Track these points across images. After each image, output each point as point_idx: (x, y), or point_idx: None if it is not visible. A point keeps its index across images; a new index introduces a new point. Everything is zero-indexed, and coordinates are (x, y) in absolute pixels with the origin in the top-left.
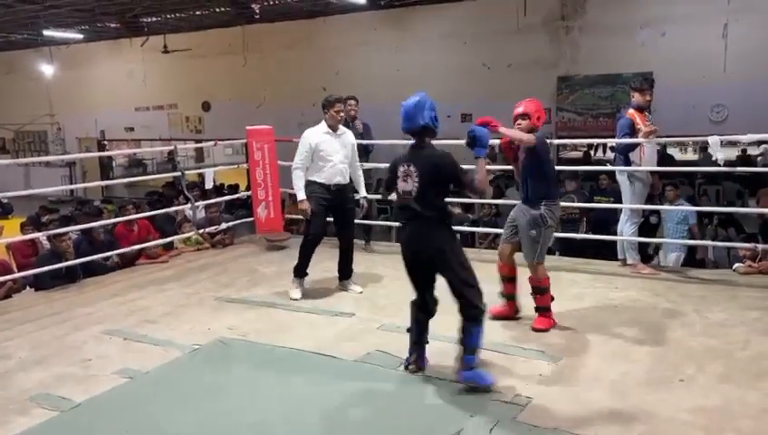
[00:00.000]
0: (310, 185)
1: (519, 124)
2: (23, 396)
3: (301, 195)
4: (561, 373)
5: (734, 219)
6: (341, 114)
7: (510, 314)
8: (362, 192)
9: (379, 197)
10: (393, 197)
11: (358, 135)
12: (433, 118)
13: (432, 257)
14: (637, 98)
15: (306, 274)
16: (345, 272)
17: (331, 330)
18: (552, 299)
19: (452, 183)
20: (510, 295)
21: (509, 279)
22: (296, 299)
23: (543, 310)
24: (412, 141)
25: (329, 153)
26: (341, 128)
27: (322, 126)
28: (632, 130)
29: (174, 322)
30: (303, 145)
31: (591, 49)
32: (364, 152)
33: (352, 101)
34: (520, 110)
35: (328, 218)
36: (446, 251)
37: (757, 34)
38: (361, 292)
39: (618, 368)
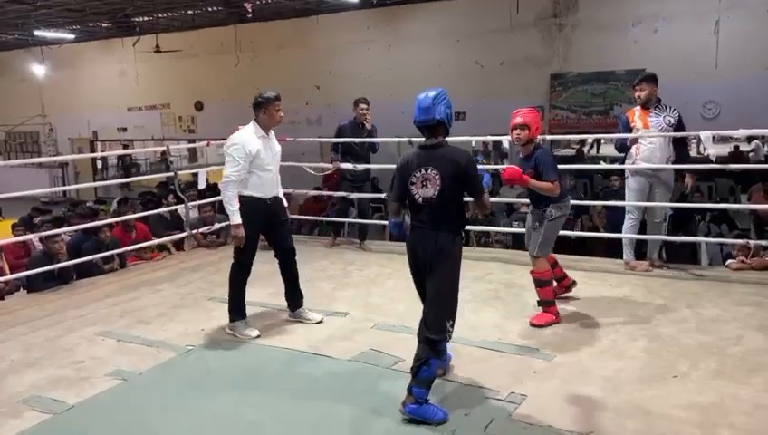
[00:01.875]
0: (245, 202)
1: (518, 135)
2: (15, 399)
3: (237, 218)
4: (555, 371)
5: (727, 216)
6: (281, 114)
7: (566, 285)
8: (284, 203)
9: (374, 196)
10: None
11: (367, 136)
12: (449, 115)
13: (432, 260)
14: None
15: (245, 312)
16: (295, 299)
17: (325, 329)
18: (556, 295)
19: (469, 189)
20: (559, 277)
21: (551, 266)
22: (257, 336)
23: (545, 304)
24: (422, 140)
25: (267, 162)
26: (270, 131)
27: (255, 129)
28: (627, 128)
29: (167, 323)
30: (239, 153)
31: (584, 46)
32: (371, 151)
33: (364, 105)
34: (519, 120)
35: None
36: (444, 256)
37: (748, 31)
38: (321, 320)
39: (611, 365)
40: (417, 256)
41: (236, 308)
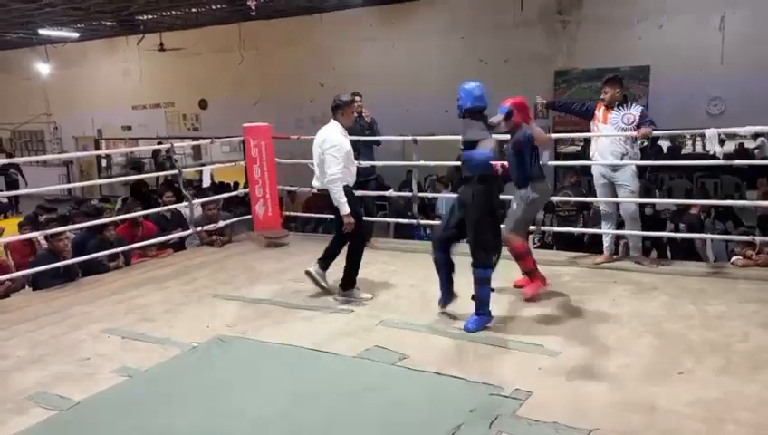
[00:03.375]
0: (347, 193)
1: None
2: (21, 395)
3: (346, 208)
4: (560, 367)
5: (733, 212)
6: (355, 113)
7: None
8: None
9: (378, 193)
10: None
11: (368, 128)
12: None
13: None
14: None
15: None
16: (328, 265)
17: (330, 326)
18: (535, 263)
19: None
20: (529, 271)
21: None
22: (371, 297)
23: (529, 273)
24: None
25: (353, 156)
26: None
27: (341, 129)
28: (588, 112)
29: (172, 320)
30: (340, 152)
31: (588, 43)
32: (375, 144)
33: (357, 97)
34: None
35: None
36: None
37: (754, 27)
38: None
39: (616, 361)
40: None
41: (354, 280)
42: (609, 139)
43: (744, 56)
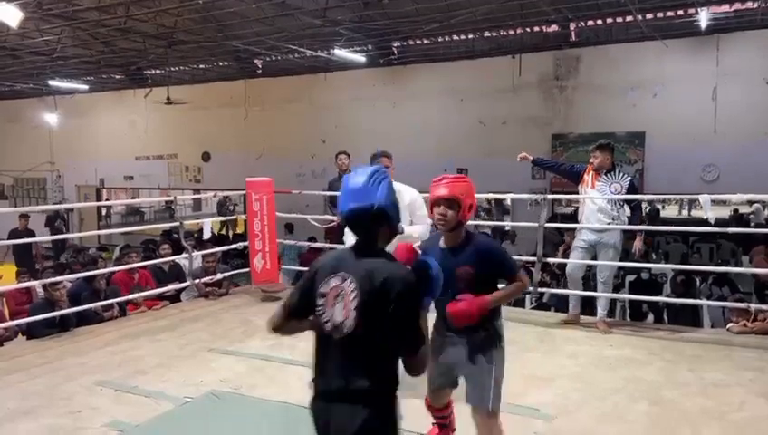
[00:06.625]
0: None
1: (442, 216)
2: None
3: None
4: (555, 433)
5: (729, 278)
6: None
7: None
8: None
9: None
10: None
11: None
12: (391, 203)
13: None
14: None
15: None
16: None
17: None
18: None
19: (399, 331)
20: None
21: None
22: None
23: None
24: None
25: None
26: None
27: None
28: (576, 174)
29: (166, 373)
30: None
31: (585, 108)
32: None
33: (343, 156)
34: (443, 192)
35: None
36: None
37: (746, 98)
38: None
39: (613, 428)
40: None
41: None
42: (596, 206)
43: (736, 125)
